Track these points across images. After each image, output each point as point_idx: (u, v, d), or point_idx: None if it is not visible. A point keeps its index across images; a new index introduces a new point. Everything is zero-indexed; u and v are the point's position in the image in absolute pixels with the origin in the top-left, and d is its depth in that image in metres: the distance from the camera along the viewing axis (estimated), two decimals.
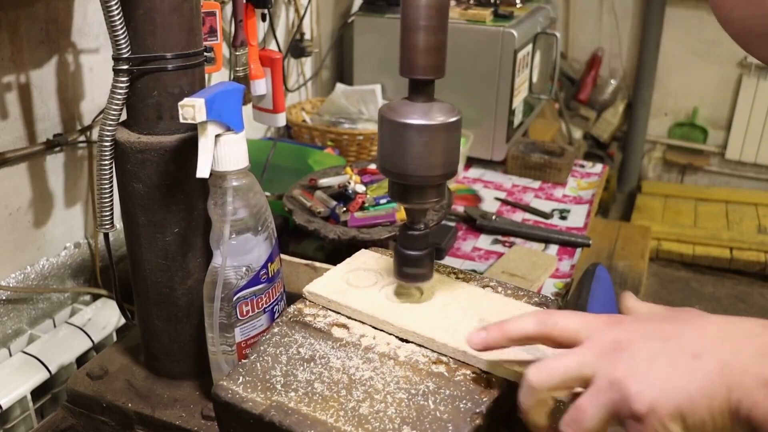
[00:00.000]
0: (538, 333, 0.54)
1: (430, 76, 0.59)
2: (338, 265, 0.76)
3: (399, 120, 0.59)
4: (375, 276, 0.73)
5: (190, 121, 0.61)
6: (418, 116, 0.59)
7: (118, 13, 0.65)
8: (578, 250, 1.31)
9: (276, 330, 0.66)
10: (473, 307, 0.68)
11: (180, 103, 0.61)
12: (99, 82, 1.12)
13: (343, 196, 1.16)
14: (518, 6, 1.76)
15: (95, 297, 1.14)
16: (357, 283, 0.72)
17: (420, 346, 0.64)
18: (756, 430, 0.45)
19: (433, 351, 0.63)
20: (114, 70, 0.67)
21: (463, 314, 0.67)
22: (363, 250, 0.79)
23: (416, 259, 0.65)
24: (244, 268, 0.67)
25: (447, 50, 0.60)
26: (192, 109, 0.60)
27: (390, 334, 0.66)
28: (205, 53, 0.72)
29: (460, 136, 0.63)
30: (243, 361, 0.62)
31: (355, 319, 0.68)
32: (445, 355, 0.62)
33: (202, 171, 0.63)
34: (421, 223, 0.65)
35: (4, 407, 0.89)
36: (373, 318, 0.67)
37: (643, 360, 0.48)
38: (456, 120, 0.60)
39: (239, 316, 0.68)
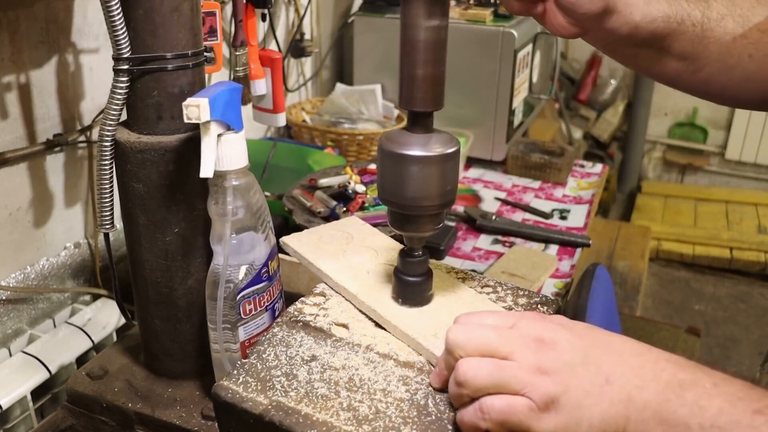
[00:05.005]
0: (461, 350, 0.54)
1: (429, 109, 0.61)
2: (324, 225, 0.83)
3: (398, 151, 0.60)
4: (346, 237, 0.80)
5: (194, 121, 0.61)
6: (416, 147, 0.60)
7: (118, 14, 0.65)
8: (578, 250, 1.31)
9: (276, 330, 0.66)
10: (455, 307, 0.68)
11: (184, 103, 0.61)
12: (99, 82, 1.12)
13: (343, 196, 1.16)
14: None
15: (95, 297, 1.14)
16: (327, 241, 0.78)
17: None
18: None
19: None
20: (114, 70, 0.67)
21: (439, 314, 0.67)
22: (353, 217, 0.86)
23: (415, 284, 0.67)
24: (245, 267, 0.67)
25: (445, 82, 0.61)
26: (197, 108, 0.60)
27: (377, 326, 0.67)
28: (205, 53, 0.72)
29: (458, 165, 0.64)
30: (243, 360, 0.62)
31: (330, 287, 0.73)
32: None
33: (206, 170, 0.63)
34: (419, 250, 0.66)
35: (4, 407, 0.89)
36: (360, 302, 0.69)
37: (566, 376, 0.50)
38: (454, 151, 0.61)
39: (243, 315, 0.68)
